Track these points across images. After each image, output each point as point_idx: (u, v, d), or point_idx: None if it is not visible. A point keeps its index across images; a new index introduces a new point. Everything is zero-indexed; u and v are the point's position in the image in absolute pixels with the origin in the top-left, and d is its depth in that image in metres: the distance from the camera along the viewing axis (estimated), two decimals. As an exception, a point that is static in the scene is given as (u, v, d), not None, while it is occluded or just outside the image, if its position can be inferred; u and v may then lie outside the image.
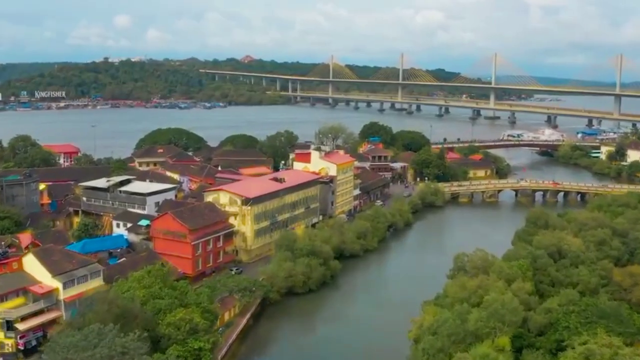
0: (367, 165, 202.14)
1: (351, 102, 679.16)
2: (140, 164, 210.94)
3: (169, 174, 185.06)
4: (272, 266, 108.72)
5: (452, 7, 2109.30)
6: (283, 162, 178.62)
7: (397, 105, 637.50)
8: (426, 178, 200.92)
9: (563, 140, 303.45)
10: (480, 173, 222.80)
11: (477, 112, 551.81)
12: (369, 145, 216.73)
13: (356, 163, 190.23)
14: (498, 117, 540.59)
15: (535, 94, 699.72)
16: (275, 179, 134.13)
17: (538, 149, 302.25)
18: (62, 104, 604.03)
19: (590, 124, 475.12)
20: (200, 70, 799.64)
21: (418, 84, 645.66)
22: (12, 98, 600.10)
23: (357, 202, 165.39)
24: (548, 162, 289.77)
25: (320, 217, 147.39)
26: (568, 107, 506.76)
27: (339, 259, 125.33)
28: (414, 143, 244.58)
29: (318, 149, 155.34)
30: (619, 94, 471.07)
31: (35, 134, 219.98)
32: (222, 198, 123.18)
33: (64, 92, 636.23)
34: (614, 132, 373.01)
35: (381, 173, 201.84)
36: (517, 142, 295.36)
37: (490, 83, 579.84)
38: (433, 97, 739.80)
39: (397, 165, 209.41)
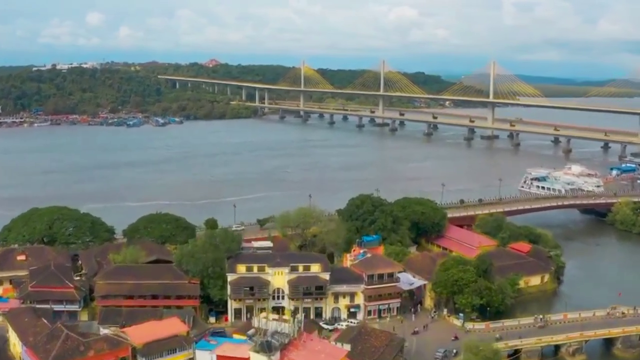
0: (360, 289, 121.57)
1: (326, 114, 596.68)
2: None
3: (10, 327, 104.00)
4: None
5: (425, 3, 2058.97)
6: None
7: (378, 120, 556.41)
8: (460, 314, 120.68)
9: (614, 194, 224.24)
10: (535, 280, 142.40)
11: (471, 130, 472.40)
12: (361, 252, 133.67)
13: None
14: (497, 136, 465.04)
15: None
16: None
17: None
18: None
19: (606, 147, 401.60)
20: (159, 77, 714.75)
21: (402, 95, 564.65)
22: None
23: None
24: (596, 228, 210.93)
25: None
26: (582, 125, 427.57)
27: None
28: (425, 220, 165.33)
29: (263, 349, 73.04)
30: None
31: None
32: None
33: (0, 106, 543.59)
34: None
35: (385, 302, 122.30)
36: (559, 203, 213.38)
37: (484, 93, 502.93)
38: (414, 104, 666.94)
39: (408, 281, 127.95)
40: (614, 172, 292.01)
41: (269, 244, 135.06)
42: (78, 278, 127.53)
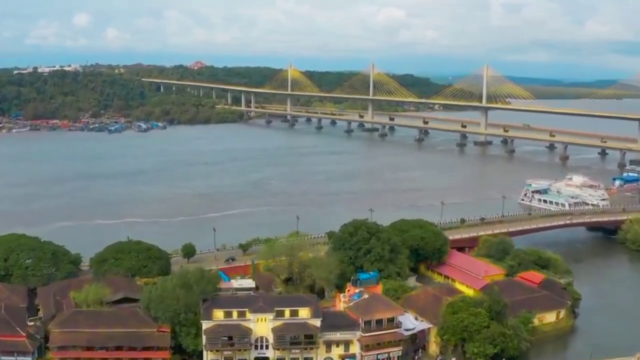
0: (355, 336, 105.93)
1: (313, 119, 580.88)
2: None
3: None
4: None
5: (413, 4, 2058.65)
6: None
7: (367, 125, 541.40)
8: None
9: (623, 210, 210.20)
10: (550, 317, 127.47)
11: (463, 136, 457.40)
12: (356, 292, 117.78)
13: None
14: (490, 142, 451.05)
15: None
16: None
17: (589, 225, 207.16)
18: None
19: (603, 153, 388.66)
20: (143, 80, 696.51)
21: (391, 99, 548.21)
22: None
23: None
24: (605, 247, 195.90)
25: None
26: (577, 130, 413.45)
27: None
28: (425, 245, 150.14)
29: None
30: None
31: None
32: None
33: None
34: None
35: (385, 351, 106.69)
36: (567, 221, 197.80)
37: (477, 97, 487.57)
38: (403, 107, 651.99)
39: (409, 324, 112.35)
40: (617, 183, 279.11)
41: (251, 282, 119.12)
42: (32, 323, 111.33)
